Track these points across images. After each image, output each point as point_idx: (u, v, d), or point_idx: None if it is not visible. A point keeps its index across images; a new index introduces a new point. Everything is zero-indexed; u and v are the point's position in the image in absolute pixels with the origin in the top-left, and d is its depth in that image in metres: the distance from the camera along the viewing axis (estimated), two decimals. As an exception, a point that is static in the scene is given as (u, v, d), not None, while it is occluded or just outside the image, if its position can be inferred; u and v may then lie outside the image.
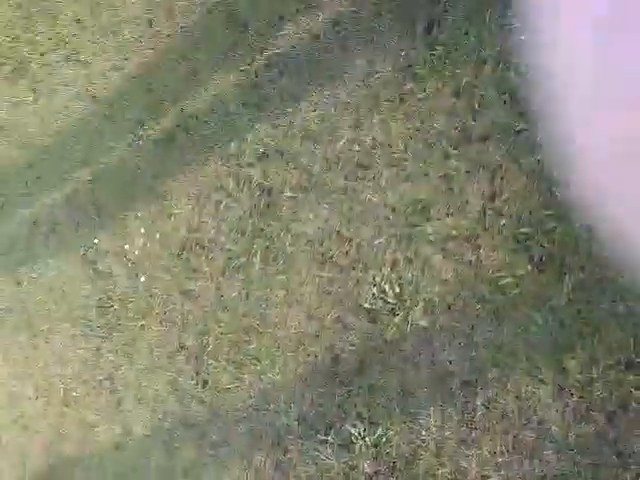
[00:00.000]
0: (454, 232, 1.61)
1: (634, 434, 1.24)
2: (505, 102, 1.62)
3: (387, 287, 1.66)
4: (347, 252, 1.77)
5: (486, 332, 1.47)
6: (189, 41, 2.47)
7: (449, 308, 1.54)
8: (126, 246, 2.33)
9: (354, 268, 1.74)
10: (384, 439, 1.51)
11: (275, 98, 2.13)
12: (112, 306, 2.27)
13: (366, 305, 1.68)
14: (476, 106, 1.67)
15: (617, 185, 0.23)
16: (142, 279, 2.24)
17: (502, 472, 1.33)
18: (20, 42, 3.04)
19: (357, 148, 1.88)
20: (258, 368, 1.82)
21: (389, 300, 1.65)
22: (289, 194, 1.97)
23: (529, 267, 1.45)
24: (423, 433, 1.45)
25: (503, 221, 1.55)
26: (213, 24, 2.39)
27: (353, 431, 1.57)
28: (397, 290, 1.65)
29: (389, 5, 1.92)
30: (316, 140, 1.98)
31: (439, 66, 1.75)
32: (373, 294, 1.68)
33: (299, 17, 2.16)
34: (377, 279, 1.69)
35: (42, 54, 2.95)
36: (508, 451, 1.34)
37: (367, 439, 1.54)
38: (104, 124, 2.62)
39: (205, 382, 1.94)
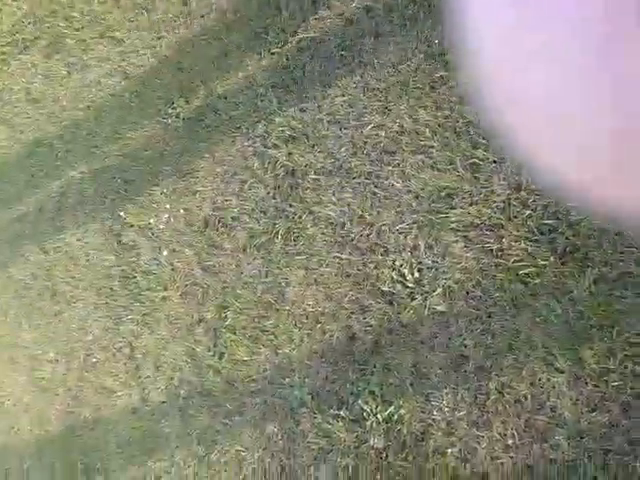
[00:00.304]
0: (477, 221, 1.61)
1: (648, 426, 1.23)
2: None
3: (406, 271, 1.67)
4: (368, 236, 1.78)
5: (504, 320, 1.47)
6: (222, 22, 2.48)
7: (467, 294, 1.54)
8: (151, 220, 2.37)
9: (374, 251, 1.75)
10: (395, 416, 1.52)
11: (304, 81, 2.13)
12: (135, 277, 2.32)
13: (384, 288, 1.69)
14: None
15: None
16: (165, 253, 2.28)
17: (512, 454, 1.34)
18: (57, 17, 3.08)
19: (384, 134, 1.87)
20: (274, 343, 1.85)
21: (408, 284, 1.66)
22: (313, 177, 1.98)
23: (552, 258, 1.45)
24: (435, 413, 1.46)
25: (528, 212, 1.54)
26: (247, 6, 2.40)
27: (365, 407, 1.59)
28: (416, 275, 1.65)
29: (424, -9, 1.91)
30: (343, 125, 1.98)
31: (472, 54, 1.74)
32: (392, 277, 1.68)
33: (333, 1, 2.16)
34: (397, 263, 1.70)
35: (77, 30, 2.99)
36: (519, 434, 1.34)
37: (379, 416, 1.56)
38: (135, 101, 2.66)
39: (222, 354, 1.97)
